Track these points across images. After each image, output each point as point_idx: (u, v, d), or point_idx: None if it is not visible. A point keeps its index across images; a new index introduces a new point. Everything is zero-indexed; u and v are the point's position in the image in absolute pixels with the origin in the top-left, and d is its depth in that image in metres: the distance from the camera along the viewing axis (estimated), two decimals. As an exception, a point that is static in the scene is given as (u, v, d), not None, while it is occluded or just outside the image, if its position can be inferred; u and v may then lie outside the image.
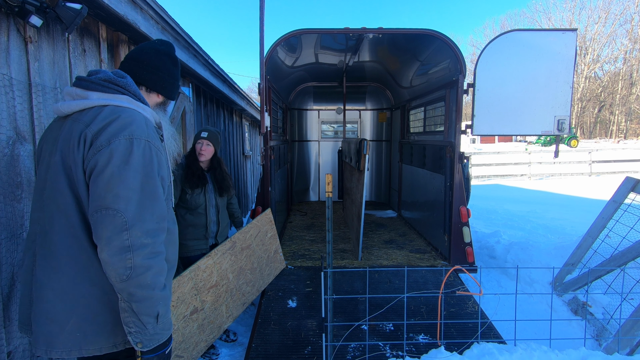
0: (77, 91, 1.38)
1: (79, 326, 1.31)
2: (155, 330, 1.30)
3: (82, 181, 1.30)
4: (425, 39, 4.60)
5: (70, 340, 1.30)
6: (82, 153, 1.29)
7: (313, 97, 8.65)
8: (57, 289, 1.30)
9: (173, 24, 3.13)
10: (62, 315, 1.30)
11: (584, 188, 12.99)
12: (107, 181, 1.24)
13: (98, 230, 1.23)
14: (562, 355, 2.49)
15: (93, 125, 1.30)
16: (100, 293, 1.32)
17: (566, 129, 4.13)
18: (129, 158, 1.26)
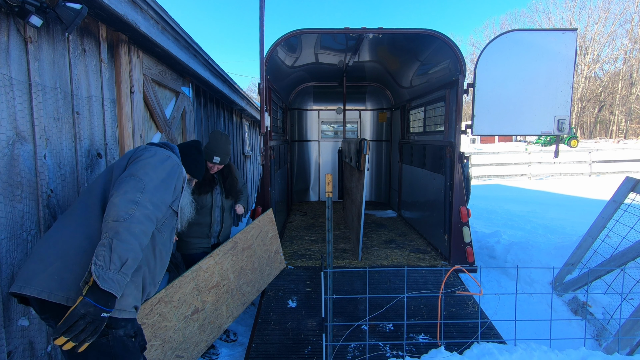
0: None
1: (59, 271, 1.47)
2: (113, 277, 1.39)
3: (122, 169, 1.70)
4: (425, 39, 4.60)
5: (45, 281, 1.45)
6: (132, 152, 1.77)
7: (313, 97, 8.65)
8: (56, 237, 1.56)
9: (173, 24, 3.13)
10: (50, 258, 1.49)
11: (584, 188, 12.99)
12: (142, 164, 1.66)
13: (122, 186, 1.55)
14: (562, 355, 2.49)
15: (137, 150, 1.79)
16: (89, 247, 1.51)
17: (566, 129, 4.13)
18: (163, 163, 1.73)
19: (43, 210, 1.99)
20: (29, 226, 1.91)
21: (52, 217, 2.06)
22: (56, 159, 2.10)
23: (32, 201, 1.93)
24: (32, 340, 1.93)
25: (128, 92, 2.83)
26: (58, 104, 2.11)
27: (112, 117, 2.69)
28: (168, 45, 3.17)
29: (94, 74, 2.47)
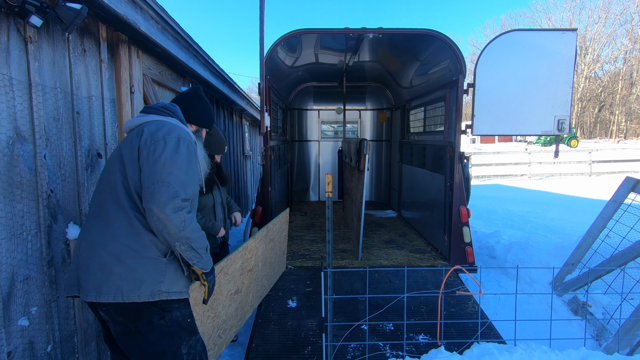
0: (141, 114, 1.88)
1: (123, 276, 1.62)
2: (207, 258, 1.80)
3: (134, 161, 1.70)
4: (425, 39, 4.60)
5: (114, 287, 1.61)
6: (138, 141, 1.71)
7: (313, 97, 8.65)
8: (106, 247, 1.64)
9: (173, 24, 3.13)
10: (108, 265, 1.63)
11: (584, 188, 12.99)
12: (162, 163, 1.65)
13: (155, 196, 1.60)
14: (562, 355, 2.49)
15: (148, 126, 1.76)
16: (138, 245, 1.66)
17: (566, 129, 4.13)
18: (178, 149, 1.70)
19: (43, 210, 1.99)
20: (29, 226, 1.91)
21: (52, 217, 2.06)
22: (56, 159, 2.10)
23: (32, 201, 1.93)
24: (32, 340, 1.93)
25: (128, 92, 2.83)
26: (58, 104, 2.11)
27: (112, 117, 2.69)
28: (168, 45, 3.17)
29: (94, 74, 2.47)
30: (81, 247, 1.69)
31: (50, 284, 2.04)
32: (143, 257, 1.66)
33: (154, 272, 1.67)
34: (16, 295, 1.83)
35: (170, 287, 1.71)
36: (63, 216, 2.14)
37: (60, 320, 2.12)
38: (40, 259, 1.98)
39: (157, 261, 1.69)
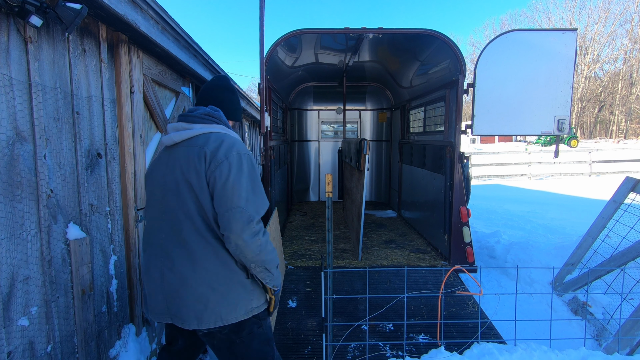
0: (184, 125, 1.80)
1: (219, 302, 1.70)
2: (277, 275, 1.86)
3: (205, 189, 1.67)
4: (425, 39, 4.60)
5: (213, 314, 1.70)
6: (203, 166, 1.67)
7: (313, 97, 8.65)
8: (198, 279, 1.68)
9: (173, 24, 3.12)
10: (204, 296, 1.69)
11: (584, 188, 12.99)
12: (231, 187, 1.64)
13: (232, 224, 1.62)
14: (562, 355, 2.49)
15: (207, 146, 1.70)
16: (228, 272, 1.72)
17: (566, 129, 4.13)
18: (242, 168, 1.69)
19: (43, 210, 1.99)
20: (29, 226, 1.91)
21: (52, 217, 2.06)
22: (56, 159, 2.10)
23: (32, 201, 1.93)
24: (32, 340, 1.93)
25: (128, 92, 2.83)
26: (58, 104, 2.11)
27: (112, 117, 2.69)
28: (168, 45, 3.17)
29: (94, 74, 2.47)
30: (166, 277, 1.72)
31: (50, 284, 2.04)
32: (234, 282, 1.73)
33: (244, 293, 1.76)
34: (16, 295, 1.83)
35: (258, 301, 1.83)
36: (63, 216, 2.14)
37: (60, 320, 2.12)
38: (40, 259, 1.98)
39: (245, 283, 1.77)
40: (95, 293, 2.43)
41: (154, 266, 1.76)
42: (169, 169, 1.75)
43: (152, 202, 1.82)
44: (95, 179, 2.47)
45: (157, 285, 1.75)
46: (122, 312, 2.77)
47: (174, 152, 1.77)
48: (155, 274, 1.75)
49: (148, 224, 1.84)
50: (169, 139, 1.80)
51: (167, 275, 1.71)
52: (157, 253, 1.75)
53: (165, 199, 1.74)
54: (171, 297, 1.72)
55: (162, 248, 1.74)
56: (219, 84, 2.04)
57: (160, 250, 1.74)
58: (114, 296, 2.66)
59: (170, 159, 1.77)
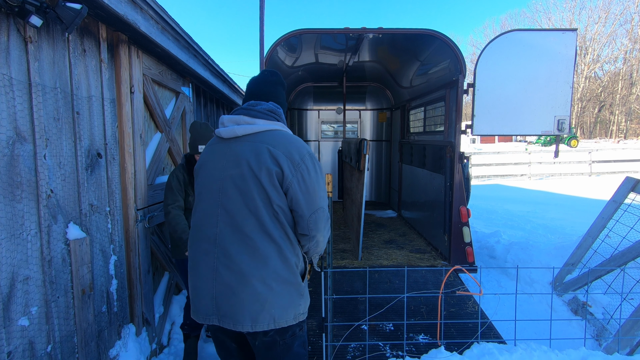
0: (246, 119, 1.74)
1: (275, 303, 1.64)
2: None
3: (278, 188, 1.65)
4: (425, 38, 4.60)
5: (268, 315, 1.64)
6: (277, 167, 1.64)
7: (313, 97, 8.65)
8: (259, 276, 1.62)
9: (173, 24, 3.13)
10: (263, 296, 1.62)
11: (584, 188, 12.99)
12: (313, 190, 1.70)
13: (318, 224, 1.72)
14: (562, 355, 2.49)
15: (278, 147, 1.68)
16: (289, 274, 1.69)
17: (566, 129, 4.13)
18: (314, 168, 1.73)
19: (43, 210, 1.99)
20: (29, 226, 1.91)
21: (52, 217, 2.06)
22: (56, 159, 2.10)
23: (32, 201, 1.93)
24: (32, 340, 1.93)
25: (128, 92, 2.83)
26: (58, 104, 2.11)
27: (112, 117, 2.69)
28: (168, 45, 3.17)
29: (94, 74, 2.47)
30: (221, 274, 1.63)
31: (50, 284, 2.04)
32: (291, 284, 1.70)
33: (297, 297, 1.72)
34: (16, 295, 1.83)
35: (304, 307, 1.79)
36: (63, 216, 2.14)
37: (60, 320, 2.12)
38: (40, 259, 1.98)
39: (300, 287, 1.75)
40: (95, 293, 2.43)
41: (205, 263, 1.67)
42: (232, 163, 1.68)
43: (206, 195, 1.73)
44: (95, 179, 2.47)
45: (207, 283, 1.66)
46: (122, 312, 2.77)
47: (235, 146, 1.71)
48: (206, 271, 1.66)
49: (198, 217, 1.74)
50: (230, 132, 1.73)
51: (223, 272, 1.63)
52: (209, 249, 1.66)
53: (225, 193, 1.67)
54: (223, 297, 1.63)
55: (217, 244, 1.65)
56: (272, 79, 1.93)
57: (214, 246, 1.66)
58: (114, 296, 2.66)
59: (232, 152, 1.70)
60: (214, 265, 1.65)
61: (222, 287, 1.63)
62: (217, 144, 1.80)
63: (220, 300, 1.64)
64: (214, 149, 1.79)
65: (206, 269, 1.67)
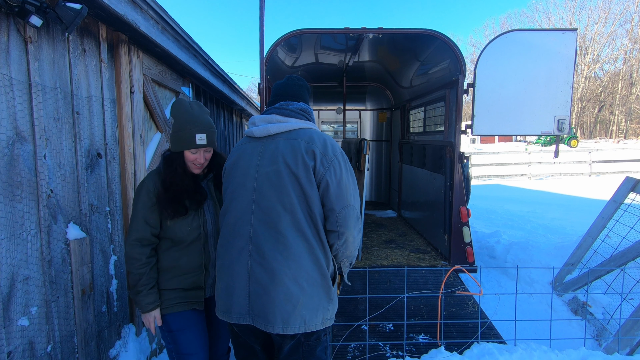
0: (278, 117, 1.77)
1: (306, 305, 1.62)
2: None
3: (313, 184, 1.66)
4: (425, 39, 4.60)
5: (299, 317, 1.61)
6: (313, 163, 1.67)
7: (313, 97, 8.65)
8: (291, 275, 1.60)
9: (173, 24, 3.13)
10: (295, 296, 1.60)
11: (584, 188, 12.99)
12: (345, 185, 1.69)
13: (348, 221, 1.67)
14: (562, 355, 2.49)
15: (314, 143, 1.70)
16: (320, 276, 1.67)
17: (566, 129, 4.13)
18: (346, 166, 1.74)
19: (43, 210, 1.99)
20: (29, 226, 1.91)
21: (52, 217, 2.06)
22: (56, 159, 2.10)
23: (32, 201, 1.93)
24: (32, 340, 1.93)
25: (128, 92, 2.83)
26: (58, 104, 2.11)
27: (112, 117, 2.69)
28: (168, 45, 3.17)
29: (94, 74, 2.47)
30: (255, 272, 1.62)
31: (50, 284, 2.04)
32: (322, 286, 1.67)
33: (326, 300, 1.69)
34: (16, 295, 1.83)
35: (332, 312, 1.76)
36: (63, 216, 2.14)
37: (60, 320, 2.12)
38: (40, 259, 1.98)
39: (330, 290, 1.71)
40: (95, 293, 2.43)
41: (239, 261, 1.66)
42: (267, 160, 1.68)
43: (240, 193, 1.71)
44: (95, 179, 2.47)
45: (241, 281, 1.64)
46: (122, 312, 2.77)
47: (270, 144, 1.72)
48: (241, 269, 1.65)
49: (232, 216, 1.71)
50: (263, 130, 1.74)
51: (256, 270, 1.62)
52: (243, 246, 1.65)
53: (260, 191, 1.66)
54: (257, 295, 1.62)
55: (251, 241, 1.65)
56: (300, 82, 1.95)
57: (248, 243, 1.65)
58: (114, 296, 2.66)
59: (267, 150, 1.71)
60: (248, 263, 1.64)
61: (255, 285, 1.62)
62: (248, 143, 1.81)
63: (253, 298, 1.62)
64: (246, 147, 1.79)
65: (241, 267, 1.65)
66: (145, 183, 1.97)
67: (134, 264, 1.91)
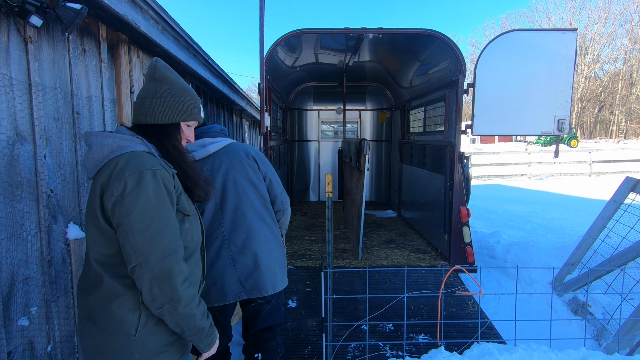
0: (210, 140, 2.12)
1: (279, 270, 2.17)
2: None
3: (261, 180, 2.18)
4: (425, 39, 4.60)
5: (278, 279, 2.15)
6: (256, 164, 2.17)
7: (313, 97, 8.65)
8: (266, 251, 2.09)
9: (173, 24, 3.13)
10: (273, 265, 2.12)
11: (584, 188, 12.99)
12: (277, 177, 2.28)
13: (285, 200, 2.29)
14: (562, 355, 2.49)
15: (248, 150, 2.19)
16: (279, 246, 2.21)
17: (566, 129, 4.12)
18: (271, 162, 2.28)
19: (43, 210, 1.99)
20: (29, 226, 1.92)
21: (52, 217, 2.06)
22: (56, 159, 2.10)
23: (32, 201, 1.93)
24: (32, 340, 1.93)
25: (128, 92, 2.83)
26: (58, 104, 2.12)
27: (112, 117, 2.69)
28: (168, 45, 3.17)
29: (94, 74, 2.47)
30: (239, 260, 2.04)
31: (50, 284, 2.04)
32: (282, 255, 2.21)
33: (284, 266, 2.23)
34: (16, 295, 1.83)
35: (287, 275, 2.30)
36: (63, 216, 2.14)
37: (60, 320, 2.12)
38: (40, 259, 1.98)
39: (285, 258, 2.27)
40: (95, 293, 2.43)
41: (220, 257, 2.02)
42: (219, 172, 2.06)
43: (205, 208, 2.05)
44: (95, 179, 2.47)
45: (228, 271, 2.02)
46: (122, 312, 2.77)
47: (214, 160, 2.07)
48: (224, 263, 2.02)
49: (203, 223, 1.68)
50: (205, 151, 2.07)
51: (239, 258, 2.03)
52: (220, 246, 2.03)
53: (223, 197, 2.05)
54: (246, 275, 2.04)
55: (225, 240, 2.04)
56: None
57: (222, 242, 2.04)
58: (114, 296, 2.66)
59: (215, 165, 2.06)
60: (230, 256, 2.03)
61: (243, 269, 2.04)
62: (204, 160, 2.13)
63: (243, 278, 2.04)
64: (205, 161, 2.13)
65: (223, 262, 2.03)
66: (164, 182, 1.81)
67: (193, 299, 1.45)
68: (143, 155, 1.35)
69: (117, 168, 1.29)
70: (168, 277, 1.26)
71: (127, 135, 1.40)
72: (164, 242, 1.27)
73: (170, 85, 1.49)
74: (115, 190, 1.26)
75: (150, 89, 1.47)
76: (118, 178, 1.27)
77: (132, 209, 1.25)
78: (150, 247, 1.25)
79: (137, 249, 1.25)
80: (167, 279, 1.26)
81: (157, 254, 1.26)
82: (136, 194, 1.26)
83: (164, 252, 1.27)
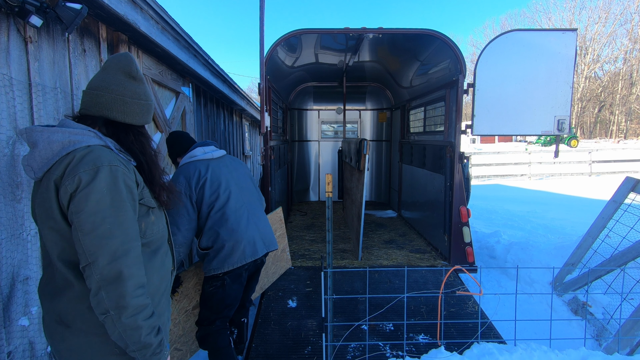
0: (215, 147, 2.71)
1: (273, 234, 2.81)
2: None
3: (254, 180, 2.94)
4: (425, 39, 4.60)
5: (275, 239, 2.80)
6: (244, 166, 2.88)
7: (313, 97, 8.65)
8: (263, 217, 2.78)
9: (173, 24, 3.13)
10: (271, 230, 2.81)
11: (584, 188, 12.99)
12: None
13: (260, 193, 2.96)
14: (562, 355, 2.49)
15: (238, 159, 2.94)
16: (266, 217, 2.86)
17: (566, 129, 4.12)
18: None
19: (43, 210, 1.99)
20: (29, 226, 1.92)
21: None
22: (56, 159, 2.09)
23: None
24: (32, 340, 1.93)
25: (128, 92, 2.83)
26: (58, 104, 2.12)
27: (112, 117, 2.68)
28: (168, 45, 3.17)
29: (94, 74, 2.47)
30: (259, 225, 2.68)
31: (50, 284, 2.04)
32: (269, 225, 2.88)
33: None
34: (16, 295, 1.83)
35: None
36: (63, 216, 2.14)
37: (60, 320, 2.12)
38: (40, 259, 1.98)
39: None
40: (95, 293, 2.43)
41: (247, 225, 2.57)
42: (234, 172, 2.69)
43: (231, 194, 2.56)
44: (95, 179, 2.46)
45: (255, 232, 2.60)
46: (122, 312, 2.77)
47: (224, 163, 2.66)
48: (251, 227, 2.59)
49: (232, 207, 2.53)
50: (217, 153, 2.66)
51: (259, 223, 2.68)
52: (247, 217, 2.60)
53: (242, 190, 2.68)
54: (264, 233, 2.68)
55: (249, 214, 2.64)
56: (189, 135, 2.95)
57: (248, 215, 2.62)
58: (114, 296, 2.66)
59: (228, 166, 2.68)
60: (255, 223, 2.65)
61: (263, 229, 2.69)
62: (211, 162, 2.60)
63: (263, 236, 2.67)
64: (213, 166, 2.58)
65: (251, 227, 2.59)
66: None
67: None
68: (99, 149, 1.27)
69: (72, 164, 1.22)
70: (116, 280, 1.18)
71: (77, 129, 1.30)
72: (114, 243, 1.20)
73: (145, 87, 1.45)
74: (70, 187, 1.19)
75: (128, 87, 1.39)
76: (72, 174, 1.20)
77: (83, 207, 1.18)
78: (100, 248, 1.18)
79: (86, 249, 1.18)
80: (116, 283, 1.18)
81: (106, 255, 1.18)
82: (88, 191, 1.19)
83: (114, 254, 1.19)
